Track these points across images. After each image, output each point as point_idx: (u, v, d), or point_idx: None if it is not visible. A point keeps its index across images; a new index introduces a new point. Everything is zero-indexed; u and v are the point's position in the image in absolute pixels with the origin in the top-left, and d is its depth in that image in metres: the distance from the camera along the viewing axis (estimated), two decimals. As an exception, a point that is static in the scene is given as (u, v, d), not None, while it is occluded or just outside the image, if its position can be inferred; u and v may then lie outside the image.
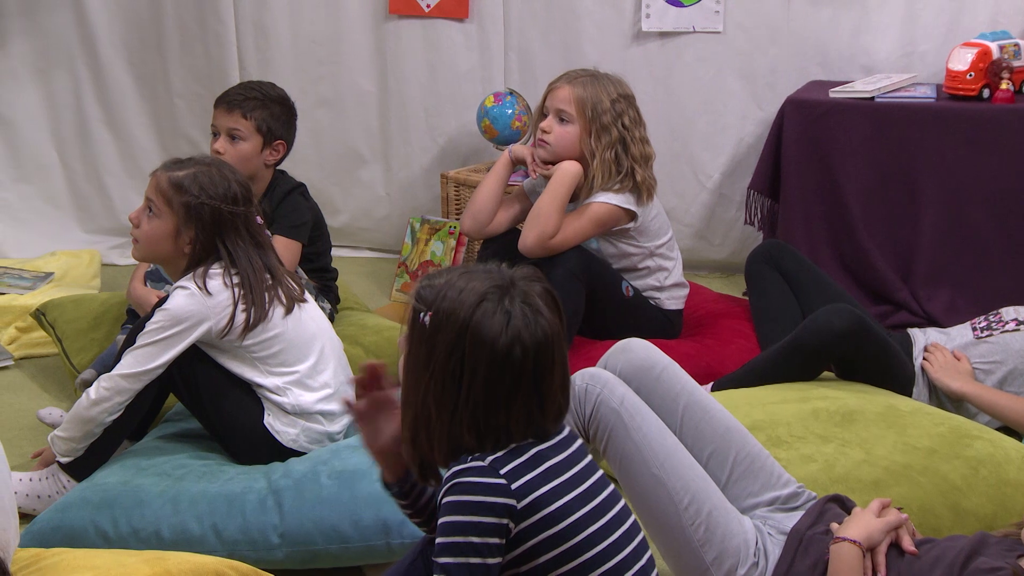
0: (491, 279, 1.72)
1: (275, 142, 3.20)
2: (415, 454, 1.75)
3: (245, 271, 2.51)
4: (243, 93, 3.20)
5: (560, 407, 1.74)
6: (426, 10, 4.15)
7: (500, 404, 1.69)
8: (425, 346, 1.71)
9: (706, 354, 3.19)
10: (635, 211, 3.13)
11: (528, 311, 1.69)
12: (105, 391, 2.49)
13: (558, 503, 1.69)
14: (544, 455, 1.72)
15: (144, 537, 2.34)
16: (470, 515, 1.65)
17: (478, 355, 1.67)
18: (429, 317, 1.70)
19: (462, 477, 1.66)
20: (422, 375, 1.71)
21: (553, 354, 1.71)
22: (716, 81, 4.00)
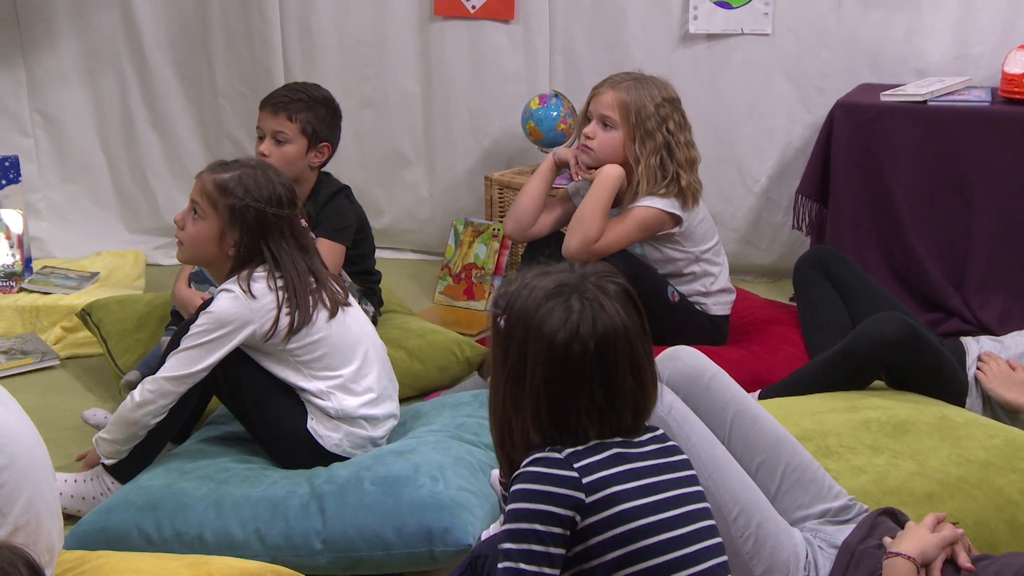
0: (561, 278, 1.72)
1: (320, 144, 3.19)
2: (504, 457, 1.77)
3: (289, 274, 2.50)
4: (288, 95, 3.19)
5: (637, 403, 1.73)
6: (471, 11, 4.13)
7: (567, 401, 1.69)
8: (501, 349, 1.73)
9: (753, 361, 3.14)
10: (680, 215, 3.10)
11: (591, 306, 1.69)
12: (149, 394, 2.49)
13: (630, 504, 1.68)
14: (627, 456, 1.71)
15: (187, 541, 2.34)
16: (537, 503, 1.64)
17: (539, 351, 1.68)
18: (504, 320, 1.72)
19: (533, 466, 1.67)
20: (500, 378, 1.73)
21: (617, 349, 1.69)
22: (764, 84, 3.95)
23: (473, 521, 2.31)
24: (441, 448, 2.50)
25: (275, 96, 3.21)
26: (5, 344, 3.51)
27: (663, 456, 1.76)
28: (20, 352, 3.47)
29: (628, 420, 1.73)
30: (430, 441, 2.54)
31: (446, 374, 3.23)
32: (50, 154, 4.43)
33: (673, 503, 1.72)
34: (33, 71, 4.34)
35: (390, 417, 2.65)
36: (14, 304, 3.65)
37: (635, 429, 1.75)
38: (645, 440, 1.76)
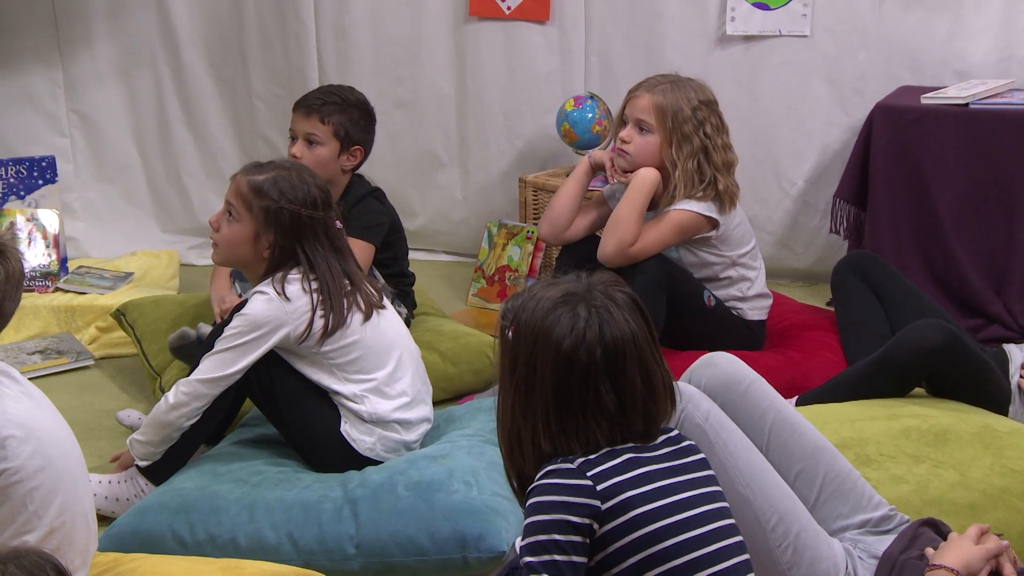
0: (568, 287, 1.74)
1: (353, 147, 3.18)
2: (513, 470, 1.77)
3: (324, 276, 2.49)
4: (322, 97, 3.18)
5: (648, 409, 1.73)
6: (507, 12, 4.11)
7: (576, 408, 1.70)
8: (509, 359, 1.74)
9: (790, 367, 3.11)
10: (717, 219, 3.06)
11: (598, 314, 1.70)
12: (183, 396, 2.49)
13: (645, 508, 1.67)
14: (640, 461, 1.71)
15: (220, 544, 2.33)
16: (554, 514, 1.65)
17: (546, 359, 1.69)
18: (511, 331, 1.73)
19: (547, 478, 1.67)
20: (509, 388, 1.74)
21: (626, 355, 1.70)
22: (802, 86, 3.91)
23: (507, 527, 2.29)
24: (475, 453, 2.49)
25: (308, 98, 3.20)
26: (41, 344, 3.53)
27: (678, 458, 1.76)
28: (55, 352, 3.49)
29: (639, 426, 1.74)
30: (464, 446, 2.52)
31: (480, 377, 3.21)
32: (86, 154, 4.44)
33: (689, 504, 1.72)
34: (70, 71, 4.36)
35: (424, 421, 2.64)
36: (50, 304, 3.67)
37: (647, 435, 1.75)
38: (659, 443, 1.76)
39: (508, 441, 1.76)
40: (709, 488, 1.77)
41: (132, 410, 3.00)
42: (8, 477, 1.85)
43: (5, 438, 1.85)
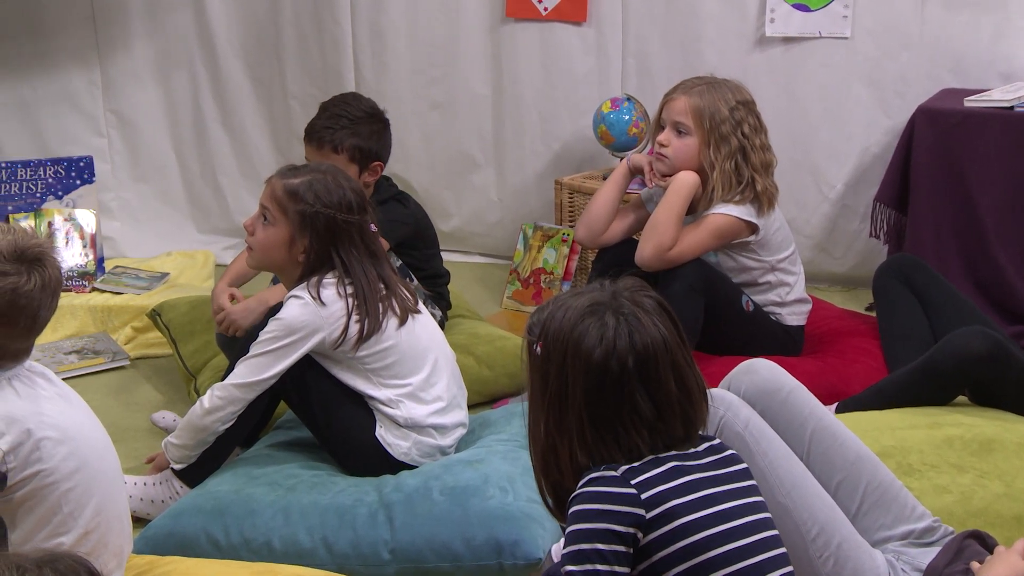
0: (594, 296, 1.72)
1: (372, 164, 3.10)
2: (549, 486, 1.75)
3: (359, 281, 2.48)
4: (330, 124, 3.06)
5: (685, 413, 1.72)
6: (543, 13, 4.09)
7: (611, 418, 1.68)
8: (540, 375, 1.72)
9: (829, 373, 3.06)
10: (756, 223, 3.03)
11: (626, 322, 1.68)
12: (219, 400, 2.48)
13: (691, 516, 1.65)
14: (685, 469, 1.69)
15: (255, 547, 2.32)
16: (597, 522, 1.63)
17: (577, 371, 1.68)
18: (540, 346, 1.72)
19: (590, 486, 1.65)
20: (541, 404, 1.72)
21: (659, 361, 1.68)
22: (842, 88, 3.86)
23: (543, 534, 2.27)
24: (511, 458, 2.47)
25: (316, 129, 3.07)
26: (77, 343, 3.54)
27: (721, 467, 1.74)
28: (92, 352, 3.50)
29: (679, 431, 1.72)
30: (499, 451, 2.51)
31: (515, 381, 3.19)
32: (123, 154, 4.46)
33: (734, 514, 1.69)
34: (108, 71, 4.38)
35: (459, 426, 2.62)
36: (87, 304, 3.68)
37: (688, 439, 1.73)
38: (702, 451, 1.74)
39: (543, 456, 1.74)
40: (753, 498, 1.75)
41: (167, 412, 3.01)
42: (43, 479, 1.86)
43: (40, 440, 1.86)
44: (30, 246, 1.86)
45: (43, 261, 1.88)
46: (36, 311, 1.87)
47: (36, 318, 1.88)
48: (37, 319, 1.88)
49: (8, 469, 1.83)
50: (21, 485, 1.85)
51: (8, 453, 1.83)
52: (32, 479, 1.85)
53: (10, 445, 1.83)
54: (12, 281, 1.83)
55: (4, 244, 1.84)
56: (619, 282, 1.75)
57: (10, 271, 1.83)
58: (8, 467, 1.83)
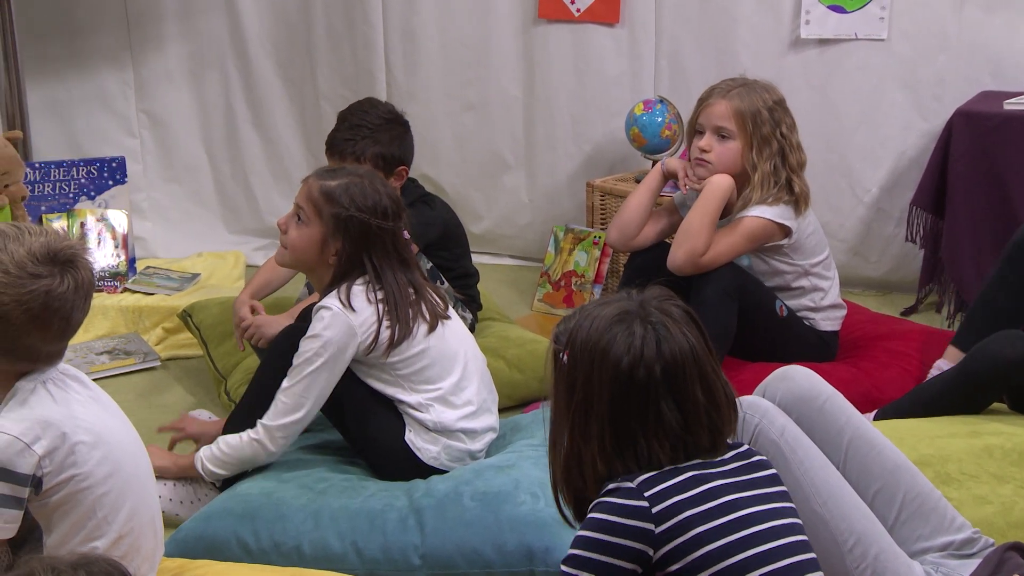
0: (622, 305, 1.72)
1: (397, 169, 3.09)
2: (570, 494, 1.75)
3: (390, 287, 2.46)
4: (350, 135, 3.04)
5: (713, 422, 1.71)
6: (576, 14, 4.07)
7: (634, 428, 1.68)
8: (566, 384, 1.72)
9: (864, 379, 3.03)
10: (790, 227, 3.00)
11: (654, 331, 1.68)
12: (283, 440, 2.46)
13: (706, 526, 1.65)
14: (705, 477, 1.68)
15: (285, 552, 2.31)
16: (603, 534, 1.64)
17: (603, 379, 1.68)
18: (566, 355, 1.72)
19: (608, 496, 1.66)
20: (566, 412, 1.72)
21: (687, 370, 1.68)
22: (877, 91, 3.82)
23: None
24: (542, 464, 2.42)
25: (336, 140, 3.05)
26: (109, 344, 3.55)
27: (747, 472, 1.73)
28: (123, 352, 3.51)
29: (705, 440, 1.71)
30: (531, 456, 2.48)
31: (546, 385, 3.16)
32: (155, 154, 4.47)
33: (755, 520, 1.68)
34: (140, 72, 4.40)
35: (489, 430, 2.60)
36: (118, 304, 3.69)
37: (714, 448, 1.73)
38: (728, 458, 1.73)
39: (567, 465, 1.74)
40: (778, 504, 1.73)
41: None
42: (78, 483, 1.86)
43: (75, 444, 1.85)
44: (62, 248, 1.86)
45: (75, 263, 1.87)
46: (69, 313, 1.87)
47: (69, 320, 1.88)
48: (70, 321, 1.88)
49: (44, 473, 1.83)
50: (56, 489, 1.84)
51: (44, 457, 1.82)
52: (67, 483, 1.84)
53: (46, 450, 1.82)
54: (45, 283, 1.83)
55: (37, 246, 1.83)
56: (647, 291, 1.75)
57: (43, 273, 1.83)
58: (44, 471, 1.83)
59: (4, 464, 1.80)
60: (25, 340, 1.84)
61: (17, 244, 1.82)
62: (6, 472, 1.80)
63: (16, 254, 1.81)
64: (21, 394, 1.87)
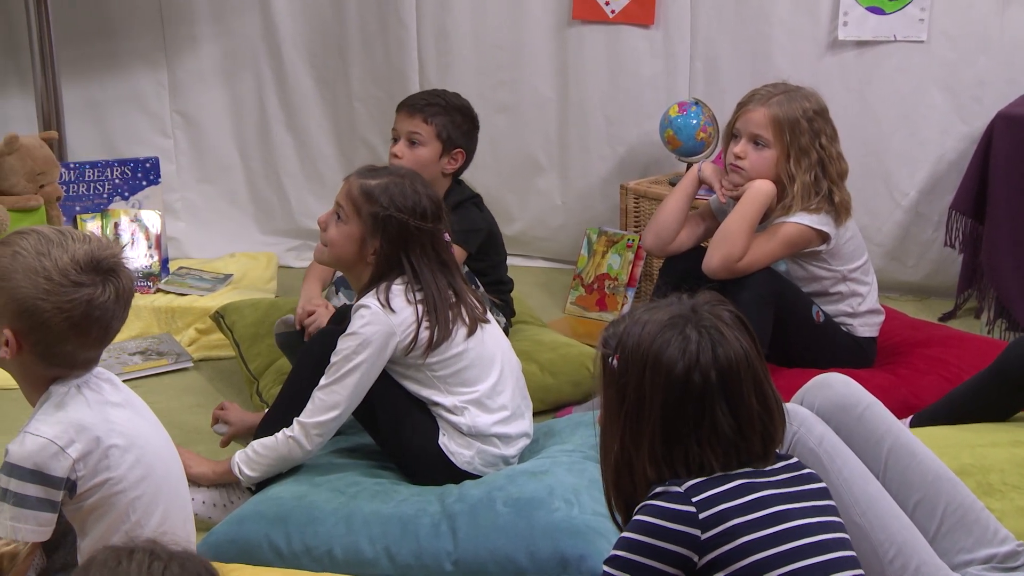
0: (672, 309, 1.70)
1: (454, 151, 3.14)
2: (621, 501, 1.73)
3: (429, 288, 2.45)
4: (427, 99, 3.17)
5: (766, 430, 1.70)
6: (610, 16, 4.04)
7: (686, 434, 1.66)
8: (616, 388, 1.70)
9: (901, 386, 2.98)
10: (829, 233, 2.96)
11: (709, 336, 1.66)
12: (318, 438, 2.45)
13: (753, 535, 1.62)
14: (755, 485, 1.66)
15: (317, 556, 2.30)
16: (648, 536, 1.62)
17: (656, 384, 1.66)
18: (616, 360, 1.69)
19: (655, 500, 1.64)
20: (617, 418, 1.70)
21: (741, 376, 1.66)
22: (917, 93, 3.77)
23: (608, 549, 2.19)
24: (576, 470, 2.42)
25: (413, 99, 3.19)
26: (142, 344, 3.55)
27: (796, 484, 1.70)
28: (156, 353, 3.51)
29: (758, 448, 1.69)
30: (564, 462, 2.46)
31: (579, 389, 3.15)
32: (188, 154, 4.48)
33: (805, 532, 1.65)
34: (175, 72, 4.40)
35: (523, 436, 2.58)
36: (151, 305, 3.69)
37: (766, 456, 1.71)
38: (777, 468, 1.71)
39: (616, 471, 1.72)
40: (829, 517, 1.71)
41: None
42: (112, 487, 1.86)
43: (108, 447, 1.85)
44: (105, 256, 1.85)
45: (117, 271, 1.87)
46: (109, 322, 1.86)
47: (108, 329, 1.88)
48: (109, 330, 1.88)
49: (78, 477, 1.83)
50: (90, 493, 1.84)
51: (78, 461, 1.82)
52: (101, 487, 1.84)
53: (80, 453, 1.82)
54: (87, 292, 1.83)
55: (80, 253, 1.83)
56: (697, 295, 1.73)
57: (85, 282, 1.83)
58: (78, 475, 1.83)
59: (39, 467, 1.80)
60: (63, 347, 1.84)
61: (61, 251, 1.82)
62: (41, 475, 1.80)
63: (60, 261, 1.81)
64: (55, 397, 1.87)
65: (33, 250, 1.82)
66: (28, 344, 1.84)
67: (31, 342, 1.84)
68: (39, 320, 1.81)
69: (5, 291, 1.83)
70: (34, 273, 1.80)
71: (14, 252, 1.83)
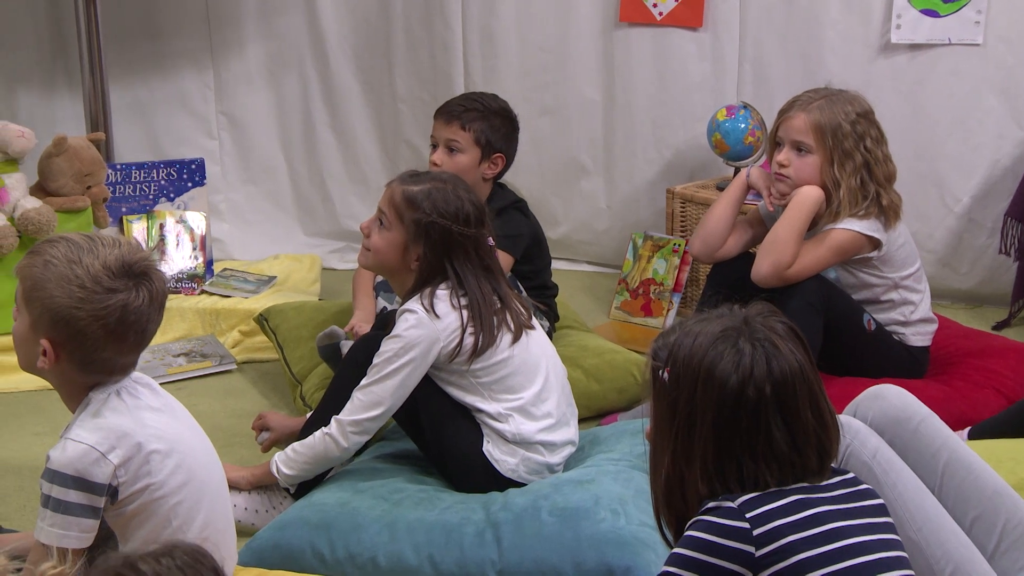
0: (725, 321, 1.66)
1: (494, 155, 3.12)
2: (672, 517, 1.69)
3: (473, 294, 2.43)
4: (464, 104, 3.14)
5: (822, 445, 1.65)
6: (658, 18, 4.00)
7: (738, 448, 1.62)
8: (667, 402, 1.66)
9: (955, 398, 2.92)
10: (880, 239, 2.91)
11: (763, 348, 1.63)
12: (355, 437, 2.44)
13: (809, 552, 1.58)
14: (810, 502, 1.62)
15: (360, 563, 2.29)
16: (701, 553, 1.59)
17: (708, 398, 1.62)
18: (667, 373, 1.66)
19: (707, 515, 1.61)
20: (668, 431, 1.66)
21: (797, 390, 1.62)
22: (971, 97, 3.70)
23: (656, 561, 2.19)
24: (622, 479, 2.39)
25: (450, 105, 3.16)
26: (186, 346, 3.55)
27: (852, 500, 1.66)
28: (200, 355, 3.51)
29: (814, 463, 1.65)
30: (610, 471, 2.43)
31: (624, 396, 3.11)
32: (233, 156, 4.49)
33: (863, 549, 1.61)
34: (220, 74, 4.41)
35: (568, 444, 2.55)
36: (195, 306, 3.70)
37: (821, 471, 1.66)
38: (833, 484, 1.66)
39: (668, 487, 1.68)
40: (887, 535, 1.66)
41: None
42: (152, 492, 1.85)
43: (149, 453, 1.84)
44: (137, 260, 1.84)
45: (149, 275, 1.85)
46: (145, 326, 1.85)
47: (144, 333, 1.86)
48: (145, 334, 1.87)
49: (119, 483, 1.82)
50: (131, 499, 1.83)
51: (119, 467, 1.81)
52: (142, 493, 1.83)
53: (121, 459, 1.81)
54: (122, 298, 1.81)
55: (112, 259, 1.82)
56: (749, 307, 1.69)
57: (119, 288, 1.81)
58: (119, 481, 1.82)
59: (80, 473, 1.79)
60: (101, 353, 1.83)
61: (92, 257, 1.81)
62: (82, 481, 1.79)
63: (92, 268, 1.80)
64: (95, 404, 1.87)
65: (64, 258, 1.81)
66: (66, 353, 1.83)
67: (69, 351, 1.83)
68: (76, 329, 1.80)
69: (40, 301, 1.82)
70: (67, 282, 1.79)
71: (45, 261, 1.82)
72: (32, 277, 1.83)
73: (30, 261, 1.85)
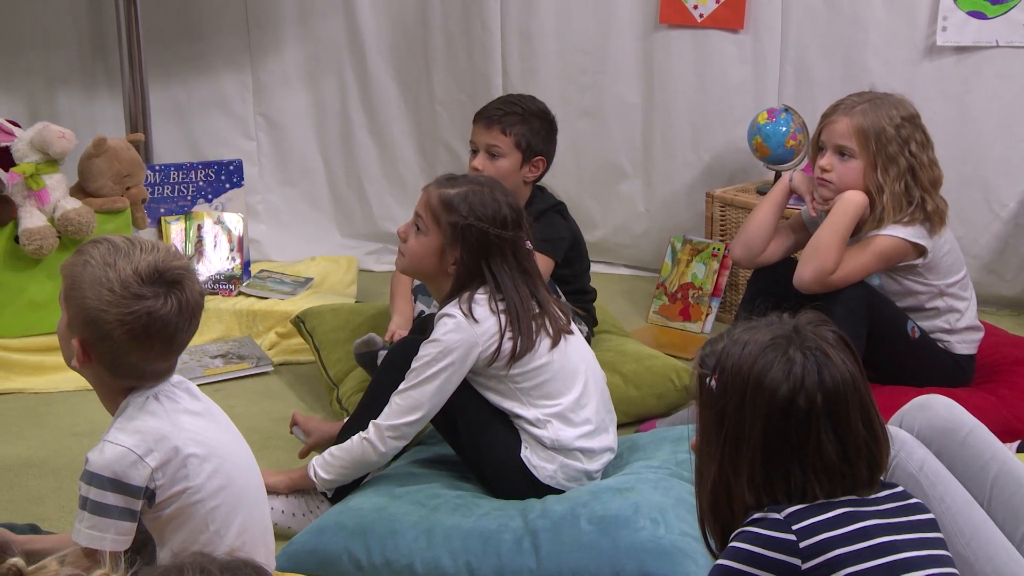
0: (774, 330, 1.63)
1: (534, 158, 3.10)
2: (718, 527, 1.67)
3: (511, 298, 2.40)
4: (503, 108, 3.12)
5: (872, 456, 1.62)
6: (698, 20, 3.96)
7: (787, 459, 1.59)
8: (715, 411, 1.64)
9: (1003, 408, 2.87)
10: (925, 246, 2.86)
11: (814, 358, 1.59)
12: (393, 441, 2.42)
13: (857, 567, 1.54)
14: (858, 515, 1.58)
15: (397, 569, 2.27)
16: (746, 564, 1.56)
17: (757, 407, 1.59)
18: (715, 381, 1.63)
19: (752, 526, 1.58)
20: (715, 441, 1.63)
21: (848, 400, 1.60)
22: (1018, 101, 3.63)
23: (696, 571, 2.16)
24: (662, 488, 2.36)
25: (489, 109, 3.14)
26: (223, 348, 3.55)
27: (902, 515, 1.62)
28: (237, 357, 3.51)
29: (864, 475, 1.62)
30: (650, 479, 2.40)
31: (663, 401, 3.08)
32: (270, 157, 4.49)
33: (908, 565, 1.57)
34: (259, 75, 4.41)
35: (607, 451, 2.52)
36: (232, 308, 3.69)
37: (871, 483, 1.63)
38: (882, 497, 1.63)
39: (713, 495, 1.65)
40: (937, 551, 1.62)
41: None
42: (190, 496, 1.84)
43: (187, 457, 1.83)
44: (171, 267, 1.83)
45: (182, 283, 1.83)
46: (172, 335, 1.83)
47: (172, 341, 1.85)
48: (174, 342, 1.85)
49: (157, 486, 1.81)
50: (169, 503, 1.82)
51: (156, 470, 1.81)
52: (179, 496, 1.83)
53: (159, 462, 1.81)
54: (148, 305, 1.80)
55: (144, 264, 1.81)
56: (799, 316, 1.66)
57: (146, 295, 1.80)
58: (157, 484, 1.81)
59: (118, 476, 1.79)
60: (127, 358, 1.83)
61: (126, 261, 1.80)
62: (120, 484, 1.79)
63: (123, 272, 1.80)
64: (132, 407, 1.86)
65: (101, 260, 1.81)
66: (95, 354, 1.83)
67: (98, 353, 1.83)
68: (103, 331, 1.80)
69: (75, 301, 1.82)
70: (99, 284, 1.79)
71: (85, 261, 1.82)
72: (72, 276, 1.84)
73: (73, 260, 1.85)
